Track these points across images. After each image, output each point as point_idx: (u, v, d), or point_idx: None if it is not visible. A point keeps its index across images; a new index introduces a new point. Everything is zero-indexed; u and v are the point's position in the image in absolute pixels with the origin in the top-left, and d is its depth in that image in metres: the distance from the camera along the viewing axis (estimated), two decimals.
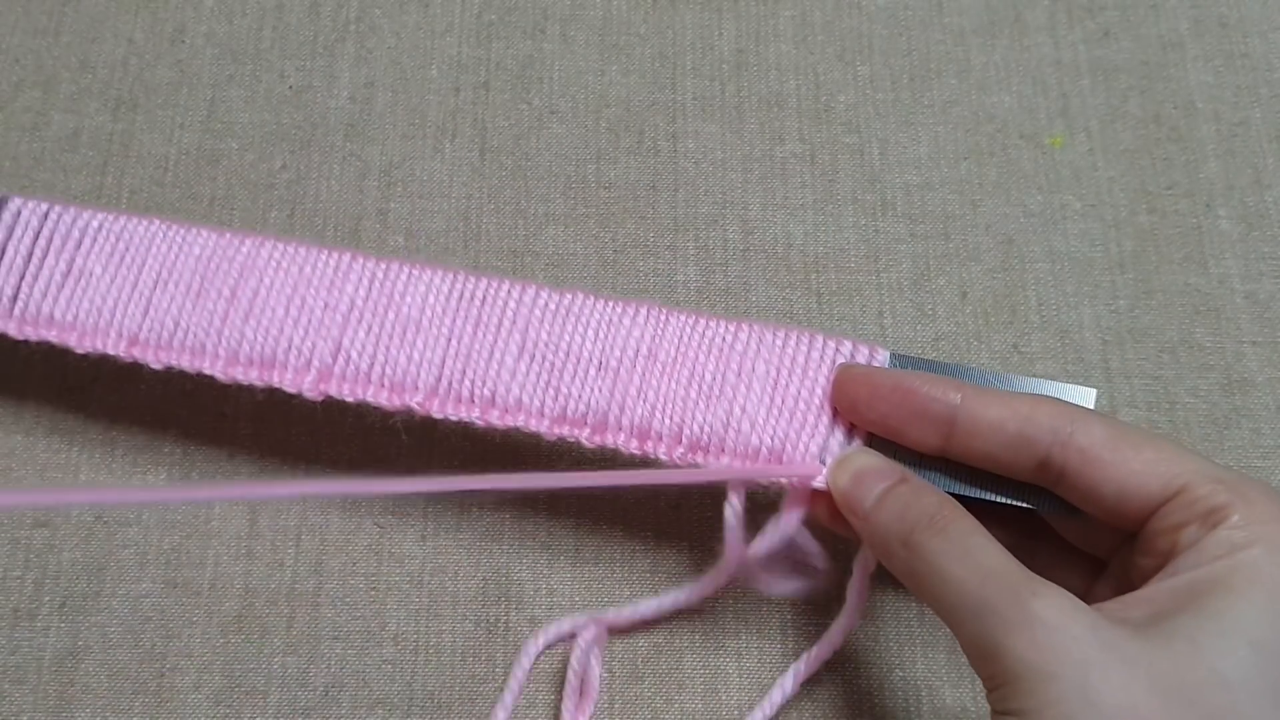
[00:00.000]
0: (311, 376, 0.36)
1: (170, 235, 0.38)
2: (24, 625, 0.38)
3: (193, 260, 0.37)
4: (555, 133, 0.46)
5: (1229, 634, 0.27)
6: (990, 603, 0.28)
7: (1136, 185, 0.45)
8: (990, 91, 0.47)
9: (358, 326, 0.36)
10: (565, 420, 0.35)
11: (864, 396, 0.33)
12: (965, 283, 0.43)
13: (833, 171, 0.45)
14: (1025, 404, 0.31)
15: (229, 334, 0.36)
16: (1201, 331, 0.43)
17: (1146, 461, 0.30)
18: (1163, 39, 0.48)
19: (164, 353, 0.36)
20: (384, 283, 0.37)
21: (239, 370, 0.36)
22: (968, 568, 0.29)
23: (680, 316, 0.36)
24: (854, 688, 0.37)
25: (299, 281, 0.37)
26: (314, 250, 0.37)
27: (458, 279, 0.37)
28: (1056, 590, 0.28)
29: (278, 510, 0.40)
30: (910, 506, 0.31)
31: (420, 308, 0.36)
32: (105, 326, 0.37)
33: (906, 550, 0.30)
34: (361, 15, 0.48)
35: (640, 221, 0.44)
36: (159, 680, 0.37)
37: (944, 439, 0.32)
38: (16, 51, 0.47)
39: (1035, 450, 0.31)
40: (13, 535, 0.39)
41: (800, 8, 0.48)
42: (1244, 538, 0.28)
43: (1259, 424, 0.41)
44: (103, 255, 0.38)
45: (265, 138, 0.46)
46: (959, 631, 0.29)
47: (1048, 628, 0.27)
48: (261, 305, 0.37)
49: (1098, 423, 0.31)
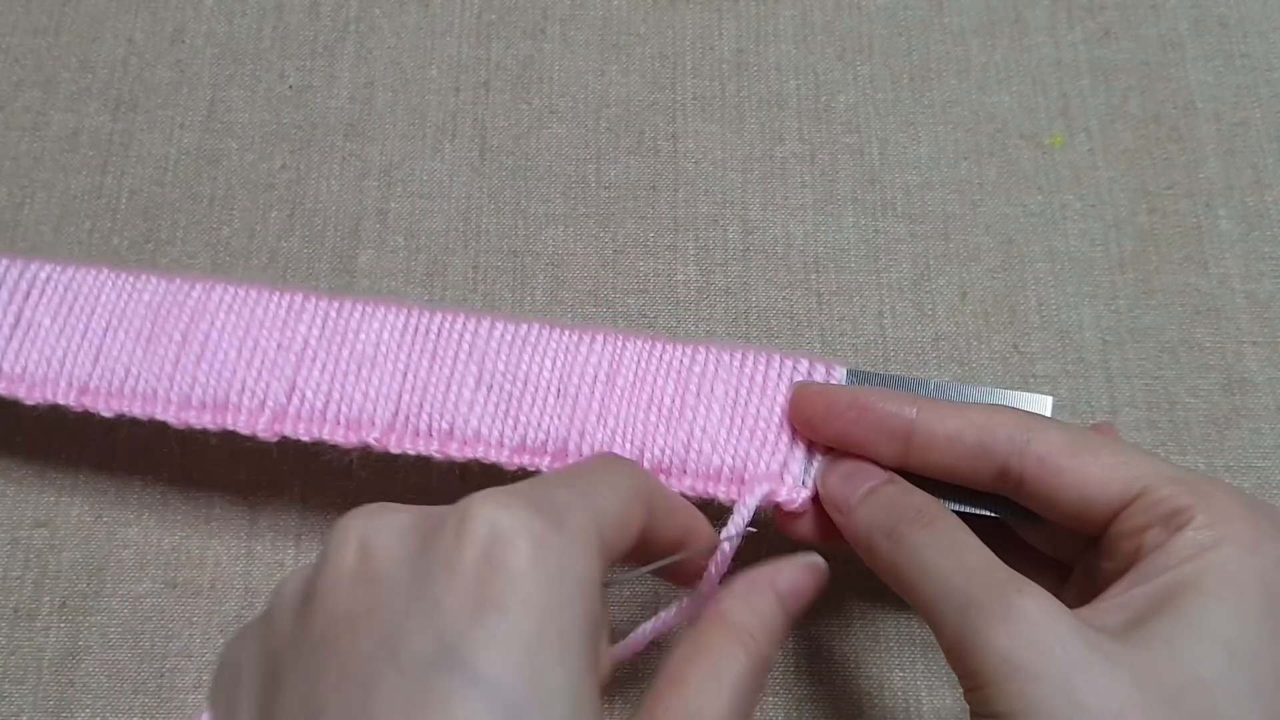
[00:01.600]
0: (266, 417, 0.35)
1: (120, 283, 0.37)
2: (24, 625, 0.38)
3: (143, 307, 0.37)
4: (555, 133, 0.46)
5: (1205, 636, 0.27)
6: (974, 597, 0.28)
7: (1137, 185, 0.45)
8: (990, 91, 0.47)
9: (312, 365, 0.36)
10: (525, 449, 0.35)
11: (820, 414, 0.34)
12: (965, 283, 0.43)
13: (833, 171, 0.45)
14: (981, 414, 0.32)
15: (180, 379, 0.36)
16: (1202, 331, 0.43)
17: (1105, 466, 0.30)
18: (1163, 39, 0.48)
19: (115, 400, 0.36)
20: (338, 321, 0.36)
21: (192, 415, 0.36)
22: (952, 561, 0.29)
23: (637, 342, 0.36)
24: (854, 688, 0.37)
25: (250, 323, 0.37)
26: (265, 292, 0.37)
27: (412, 314, 0.37)
28: (1040, 590, 0.28)
29: (278, 510, 0.40)
30: (897, 501, 0.31)
31: (375, 344, 0.36)
32: (55, 377, 0.36)
33: (890, 542, 0.31)
34: (361, 15, 0.48)
35: (640, 221, 0.44)
36: (159, 680, 0.37)
37: (902, 453, 0.32)
38: (16, 51, 0.47)
39: (993, 460, 0.31)
40: (13, 535, 0.39)
41: (800, 8, 0.48)
42: (1210, 538, 0.28)
43: (1259, 424, 0.41)
44: (50, 306, 0.37)
45: (265, 138, 0.46)
46: (940, 627, 0.29)
47: (1031, 624, 0.27)
48: (214, 348, 0.36)
49: (1055, 430, 0.31)
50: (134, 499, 0.40)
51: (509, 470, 0.35)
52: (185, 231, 0.44)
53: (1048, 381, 0.42)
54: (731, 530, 0.33)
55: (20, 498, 0.40)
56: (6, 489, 0.40)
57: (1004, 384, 0.42)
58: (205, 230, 0.44)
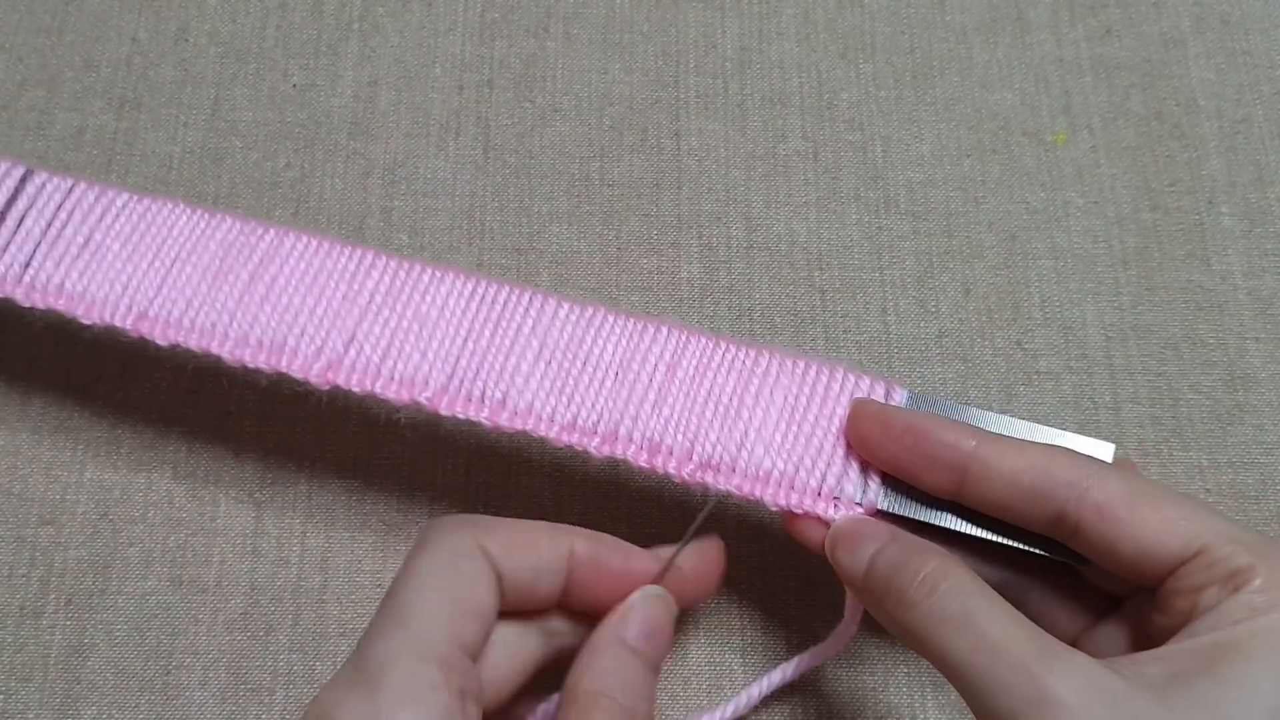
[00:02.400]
0: (321, 364, 0.35)
1: (195, 218, 0.38)
2: (30, 623, 0.38)
3: (214, 244, 0.37)
4: (558, 131, 0.46)
5: (1247, 700, 0.26)
6: (1001, 681, 0.26)
7: (1139, 182, 0.45)
8: (993, 89, 0.47)
9: (374, 320, 0.36)
10: (575, 428, 0.34)
11: (876, 435, 0.33)
12: (968, 279, 0.43)
13: (836, 169, 0.45)
14: (1041, 456, 0.31)
15: (242, 317, 0.36)
16: (1204, 328, 0.43)
17: (1165, 520, 0.29)
18: (1165, 36, 0.48)
19: (172, 330, 0.36)
20: (405, 280, 0.36)
21: (247, 353, 0.35)
22: (970, 638, 0.28)
23: (701, 338, 0.36)
24: (859, 684, 0.38)
25: (319, 272, 0.36)
26: (338, 245, 0.37)
27: (480, 284, 0.36)
28: (1071, 660, 0.27)
29: (283, 508, 0.40)
30: (898, 568, 0.30)
31: (439, 308, 0.36)
32: (115, 300, 0.36)
33: (903, 611, 0.29)
34: (365, 14, 0.48)
35: (644, 219, 0.44)
36: (165, 677, 0.37)
37: (957, 485, 0.31)
38: (21, 50, 0.47)
39: (1050, 504, 0.30)
40: (19, 533, 0.39)
41: (803, 6, 0.48)
42: (1265, 602, 0.27)
43: (1262, 420, 0.41)
44: (123, 232, 0.37)
45: (269, 136, 0.46)
46: (971, 704, 0.28)
47: (1068, 708, 0.26)
48: (279, 292, 0.36)
49: (1115, 478, 0.30)
50: (139, 497, 0.40)
51: (556, 446, 0.34)
52: None
53: (1051, 378, 0.42)
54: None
55: (26, 496, 0.40)
56: (13, 487, 0.40)
57: (1007, 380, 0.42)
58: None
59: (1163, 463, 0.40)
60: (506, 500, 0.40)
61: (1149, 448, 0.41)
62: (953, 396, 0.41)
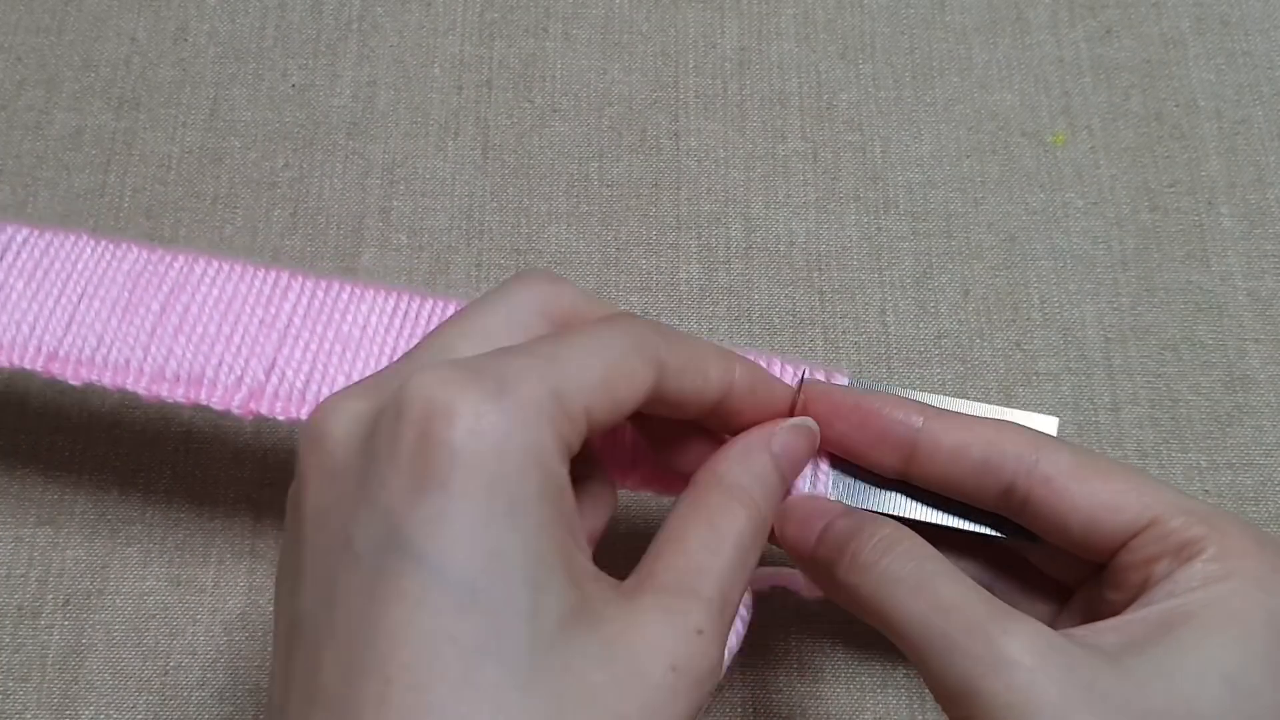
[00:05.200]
0: (242, 394, 0.34)
1: (99, 250, 0.36)
2: (28, 623, 0.38)
3: (121, 275, 0.35)
4: (558, 131, 0.46)
5: (1202, 668, 0.26)
6: (957, 643, 0.26)
7: (1138, 183, 0.45)
8: (992, 89, 0.47)
9: (294, 344, 0.34)
10: None
11: (824, 414, 0.32)
12: (967, 280, 0.43)
13: (835, 169, 0.45)
14: (989, 429, 0.30)
15: (156, 350, 0.34)
16: (1203, 329, 0.43)
17: (1116, 492, 0.29)
18: (1164, 37, 0.48)
19: (85, 369, 0.34)
20: (324, 301, 0.35)
21: (165, 388, 0.34)
22: (925, 600, 0.27)
23: None
24: (857, 685, 0.38)
25: (234, 298, 0.35)
26: (250, 267, 0.36)
27: (401, 299, 0.35)
28: (1025, 624, 0.27)
29: (282, 508, 0.40)
30: (853, 532, 0.30)
31: (362, 327, 0.35)
32: (24, 342, 0.35)
33: (856, 575, 0.29)
34: (364, 14, 0.48)
35: (643, 220, 0.44)
36: (163, 678, 0.37)
37: (905, 462, 0.31)
38: (19, 50, 0.47)
39: (1000, 477, 0.30)
40: (16, 533, 0.39)
41: (802, 6, 0.48)
42: (1218, 571, 0.27)
43: (1261, 421, 0.41)
44: (25, 269, 0.35)
45: (268, 136, 0.46)
46: (923, 668, 0.27)
47: (1024, 669, 0.26)
48: (193, 321, 0.35)
49: (1064, 450, 0.30)
50: (137, 496, 0.40)
51: None
52: (188, 230, 0.44)
53: (1050, 379, 0.42)
54: None
55: (23, 495, 0.40)
56: (10, 487, 0.40)
57: (1006, 381, 0.42)
58: (208, 229, 0.44)
59: (1161, 464, 0.40)
60: None
61: (1148, 449, 0.41)
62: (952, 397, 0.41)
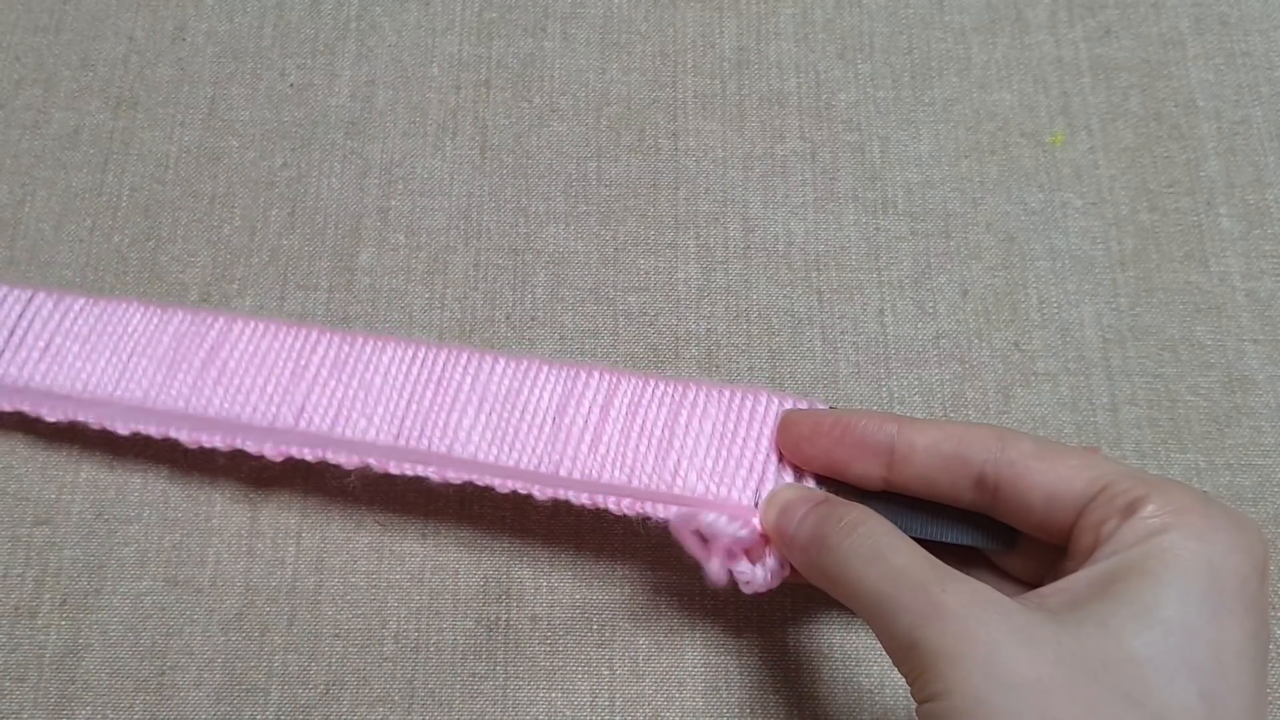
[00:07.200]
0: (274, 439, 0.38)
1: (148, 315, 0.40)
2: (24, 623, 0.38)
3: (167, 338, 0.40)
4: (556, 131, 0.46)
5: (1141, 615, 0.27)
6: (901, 601, 0.28)
7: (1137, 183, 0.45)
8: (991, 89, 0.47)
9: (321, 392, 0.38)
10: (518, 473, 0.36)
11: (807, 433, 0.35)
12: (966, 280, 0.43)
13: (833, 169, 0.45)
14: (958, 427, 0.33)
15: (196, 401, 0.38)
16: (1202, 329, 0.43)
17: (1071, 467, 0.31)
18: (1164, 37, 0.48)
19: (132, 421, 0.38)
20: (349, 354, 0.39)
21: (204, 435, 0.38)
22: (879, 568, 0.30)
23: (633, 378, 0.38)
24: (855, 685, 0.37)
25: (267, 353, 0.39)
26: (284, 326, 0.40)
27: (419, 350, 0.39)
28: (965, 581, 0.28)
29: (278, 508, 0.40)
30: (828, 517, 0.32)
31: (382, 374, 0.38)
32: (78, 397, 0.39)
33: (820, 556, 0.31)
34: (362, 13, 0.48)
35: (641, 219, 0.44)
36: (160, 678, 0.37)
37: (885, 469, 0.34)
38: (17, 49, 0.47)
39: (970, 468, 0.32)
40: (13, 533, 0.39)
41: (801, 6, 0.48)
42: (1159, 524, 0.28)
43: (1259, 422, 0.41)
44: (79, 334, 0.40)
45: (266, 135, 0.46)
46: (878, 633, 0.29)
47: (956, 616, 0.27)
48: (231, 374, 0.39)
49: (1026, 439, 0.32)
50: (134, 497, 0.40)
51: (502, 494, 0.37)
52: (186, 229, 0.44)
53: (1048, 379, 0.42)
54: None
55: (21, 495, 0.40)
56: (7, 486, 0.40)
57: (1005, 382, 0.42)
58: (206, 228, 0.44)
59: (1160, 464, 0.40)
60: (503, 498, 0.40)
61: (1146, 449, 0.41)
62: (950, 398, 0.41)
